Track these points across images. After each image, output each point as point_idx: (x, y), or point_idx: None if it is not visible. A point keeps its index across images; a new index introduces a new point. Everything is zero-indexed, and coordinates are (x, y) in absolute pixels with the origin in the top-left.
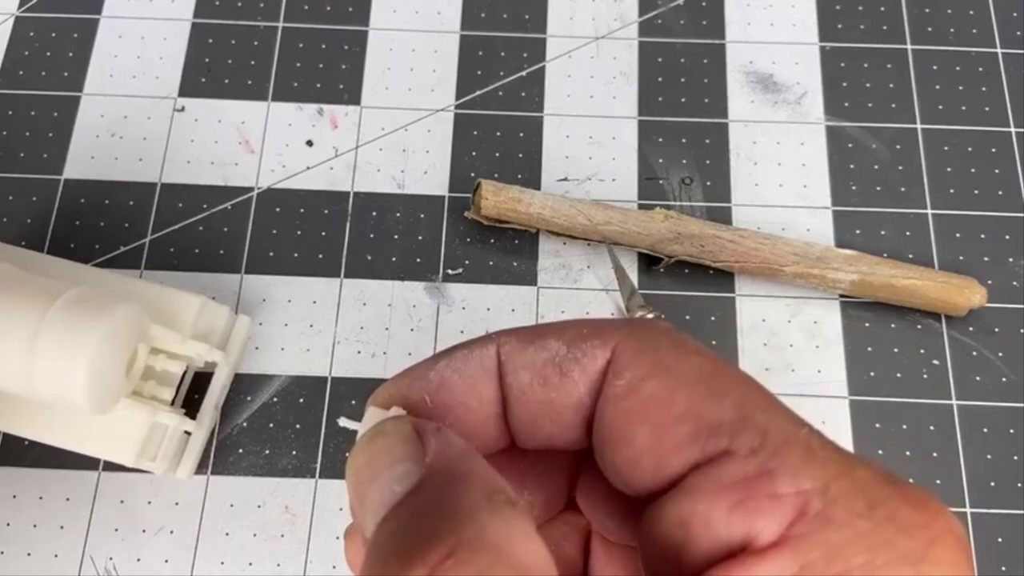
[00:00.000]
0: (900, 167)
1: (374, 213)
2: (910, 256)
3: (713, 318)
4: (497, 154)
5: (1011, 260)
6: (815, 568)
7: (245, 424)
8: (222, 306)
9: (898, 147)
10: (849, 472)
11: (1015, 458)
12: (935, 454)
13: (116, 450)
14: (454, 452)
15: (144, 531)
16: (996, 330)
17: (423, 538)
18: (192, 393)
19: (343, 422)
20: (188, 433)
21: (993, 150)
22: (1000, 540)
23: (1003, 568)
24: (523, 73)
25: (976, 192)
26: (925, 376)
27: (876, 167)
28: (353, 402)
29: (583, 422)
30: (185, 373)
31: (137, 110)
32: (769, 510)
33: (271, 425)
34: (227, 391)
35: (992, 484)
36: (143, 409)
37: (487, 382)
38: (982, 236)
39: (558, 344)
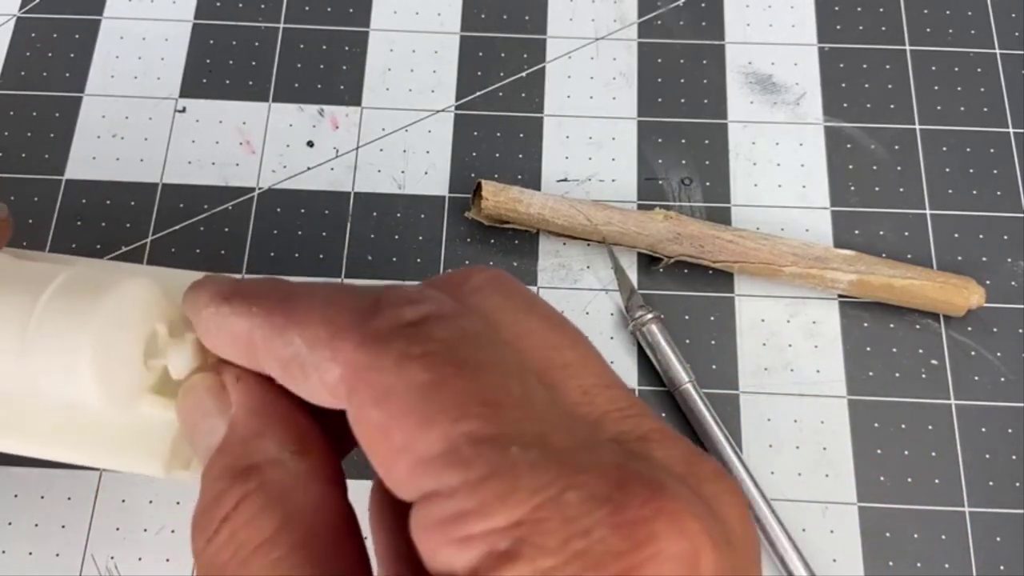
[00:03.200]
0: (899, 167)
1: (375, 213)
2: (909, 256)
3: (712, 318)
4: (497, 154)
5: (1009, 260)
6: None
7: None
8: None
9: (897, 147)
10: (557, 499)
11: (1013, 457)
12: (933, 454)
13: (141, 461)
14: (253, 403)
15: (145, 530)
16: (994, 330)
17: (220, 494)
18: None
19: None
20: None
21: (991, 151)
22: (998, 539)
23: (1001, 567)
24: (523, 74)
25: (974, 192)
26: (924, 376)
27: (875, 167)
28: None
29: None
30: None
31: (138, 111)
32: (462, 552)
33: None
34: None
35: (990, 483)
36: (169, 404)
37: (245, 350)
38: (980, 236)
39: (300, 343)
